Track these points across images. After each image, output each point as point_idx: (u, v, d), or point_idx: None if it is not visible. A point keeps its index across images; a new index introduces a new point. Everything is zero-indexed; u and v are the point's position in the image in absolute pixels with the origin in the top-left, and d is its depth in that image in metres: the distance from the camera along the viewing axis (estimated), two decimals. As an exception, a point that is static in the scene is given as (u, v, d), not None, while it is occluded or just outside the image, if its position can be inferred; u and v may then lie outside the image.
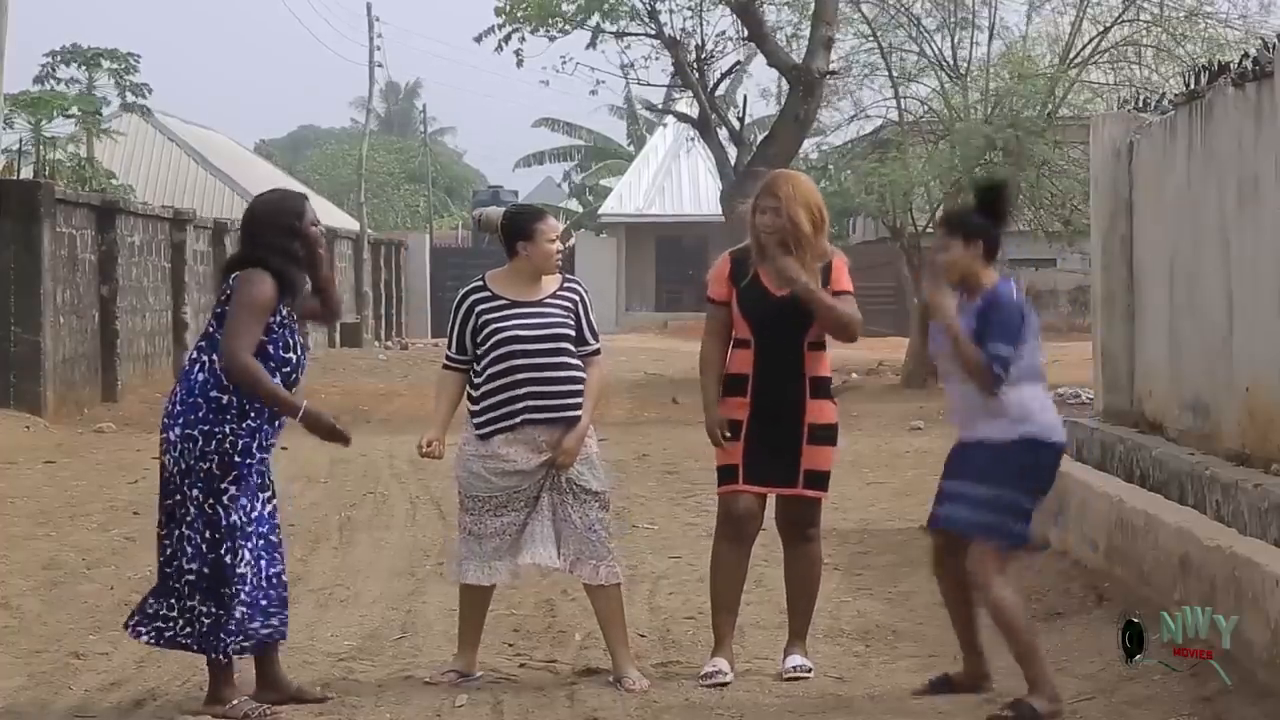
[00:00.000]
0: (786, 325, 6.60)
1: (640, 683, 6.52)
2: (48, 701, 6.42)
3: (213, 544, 6.14)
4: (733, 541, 6.75)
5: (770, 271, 6.58)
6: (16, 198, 18.30)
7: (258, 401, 6.16)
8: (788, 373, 6.61)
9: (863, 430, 16.79)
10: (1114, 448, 10.03)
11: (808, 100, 21.98)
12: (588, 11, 24.55)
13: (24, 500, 11.96)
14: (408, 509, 11.73)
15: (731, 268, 6.71)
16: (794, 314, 6.58)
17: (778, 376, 6.59)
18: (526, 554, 6.63)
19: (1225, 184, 8.90)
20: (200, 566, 6.15)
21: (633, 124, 56.54)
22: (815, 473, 6.67)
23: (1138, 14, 28.97)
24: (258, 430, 6.19)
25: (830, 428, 6.69)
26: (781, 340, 6.61)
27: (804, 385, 6.61)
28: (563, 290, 6.76)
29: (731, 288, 6.69)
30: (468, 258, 49.99)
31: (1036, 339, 6.21)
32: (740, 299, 6.66)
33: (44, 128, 29.31)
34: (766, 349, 6.62)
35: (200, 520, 6.15)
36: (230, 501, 6.14)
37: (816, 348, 6.67)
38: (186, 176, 43.77)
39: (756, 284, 6.63)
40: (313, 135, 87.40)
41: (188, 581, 6.17)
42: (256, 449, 6.20)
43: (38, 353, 17.95)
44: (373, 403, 21.67)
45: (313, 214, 6.43)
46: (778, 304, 6.58)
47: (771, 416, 6.60)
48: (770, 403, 6.60)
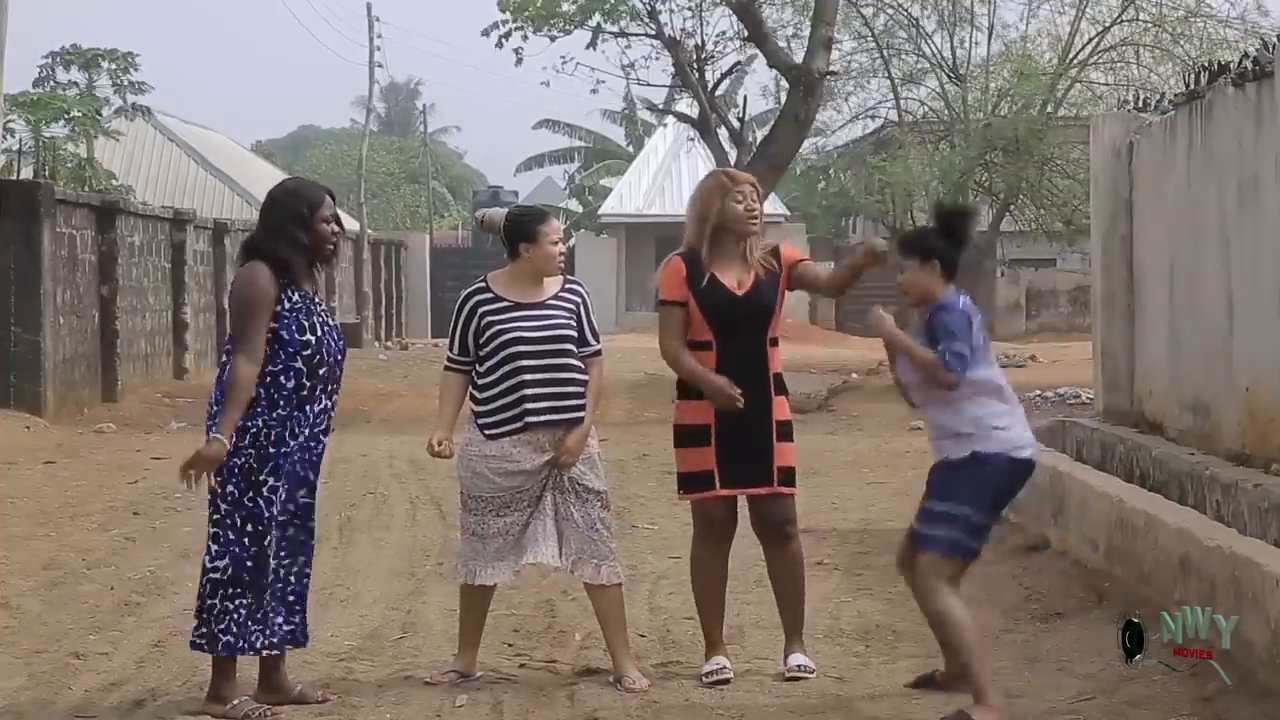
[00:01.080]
0: (749, 323, 6.57)
1: (640, 683, 6.52)
2: (48, 701, 6.42)
3: (254, 537, 6.12)
4: (715, 545, 6.72)
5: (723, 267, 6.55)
6: (16, 198, 18.30)
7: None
8: (752, 371, 6.54)
9: (863, 430, 16.77)
10: (1114, 448, 10.04)
11: (808, 100, 21.96)
12: (588, 11, 24.55)
13: (24, 500, 11.96)
14: (408, 509, 11.73)
15: (687, 269, 6.61)
16: (755, 310, 6.56)
17: (743, 376, 6.51)
18: (529, 553, 6.63)
19: (1225, 184, 8.91)
20: (230, 564, 6.11)
21: (631, 125, 56.55)
22: (786, 469, 6.64)
23: (1136, 14, 28.98)
24: (288, 419, 6.17)
25: (790, 424, 6.70)
26: (745, 339, 6.56)
27: (769, 383, 6.58)
28: (564, 291, 6.75)
29: (688, 289, 6.59)
30: (468, 258, 49.99)
31: (987, 352, 6.19)
32: (700, 300, 6.57)
33: (44, 129, 29.30)
34: (730, 348, 6.54)
35: (238, 515, 6.12)
36: (270, 493, 6.14)
37: (774, 344, 6.63)
38: (186, 177, 43.80)
39: (715, 283, 6.57)
40: (313, 135, 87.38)
41: (211, 580, 6.14)
42: (289, 437, 6.18)
43: (38, 353, 17.95)
44: (373, 403, 21.66)
45: (330, 210, 6.34)
46: (739, 301, 6.54)
47: (740, 417, 6.52)
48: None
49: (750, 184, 6.68)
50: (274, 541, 6.17)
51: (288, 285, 6.21)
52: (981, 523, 6.10)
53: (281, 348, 6.16)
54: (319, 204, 6.31)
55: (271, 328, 6.15)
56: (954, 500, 6.07)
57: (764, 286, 6.60)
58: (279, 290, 6.18)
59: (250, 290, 6.17)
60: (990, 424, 6.06)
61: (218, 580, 6.14)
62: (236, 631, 6.13)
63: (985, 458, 6.04)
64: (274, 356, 6.16)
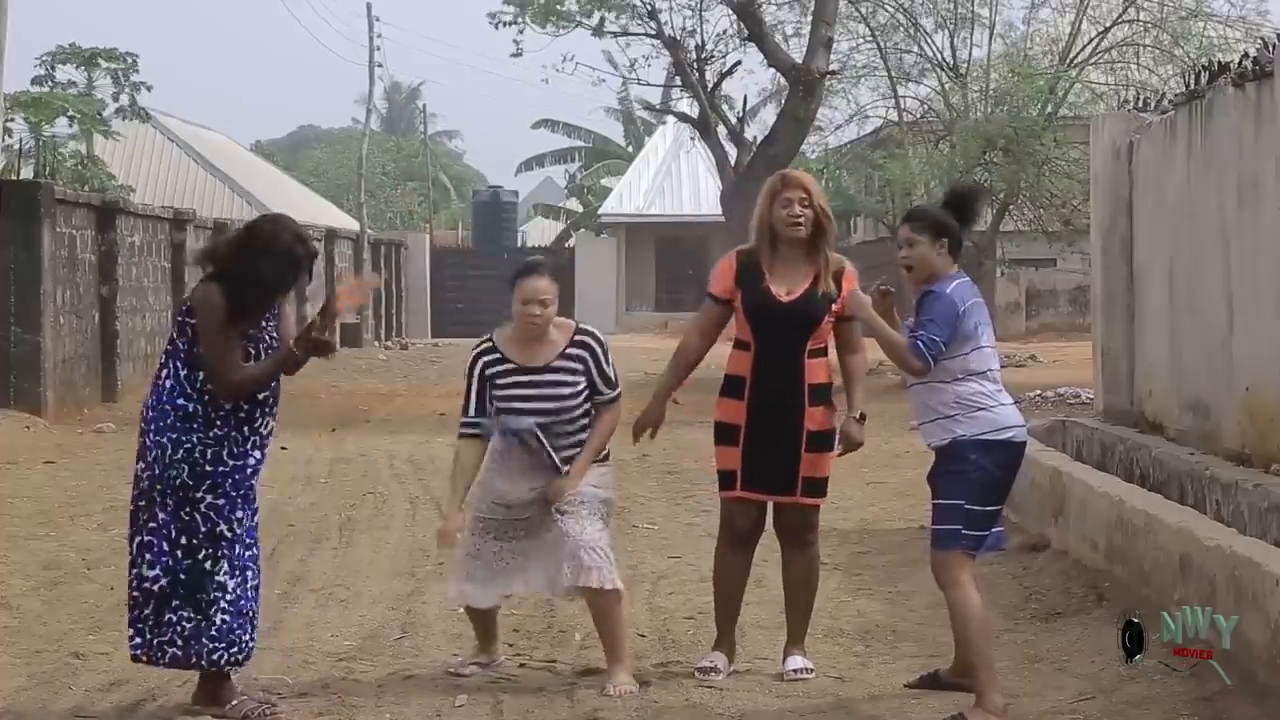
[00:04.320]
0: (788, 331, 6.50)
1: (622, 688, 6.37)
2: (48, 701, 6.42)
3: (188, 550, 6.05)
4: (735, 547, 6.74)
5: (779, 271, 6.50)
6: (16, 198, 18.31)
7: (264, 391, 6.09)
8: (786, 378, 6.50)
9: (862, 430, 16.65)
10: (1114, 448, 10.04)
11: (808, 100, 21.98)
12: (590, 6, 24.55)
13: (24, 500, 11.96)
14: (408, 509, 11.73)
15: (738, 267, 6.59)
16: (797, 320, 6.49)
17: (776, 381, 6.49)
18: (519, 581, 6.63)
19: (1225, 184, 8.91)
20: (163, 575, 6.04)
21: (630, 125, 56.57)
22: (814, 479, 6.61)
23: (1137, 14, 28.99)
24: (225, 439, 6.06)
25: (828, 434, 6.60)
26: (782, 345, 6.51)
27: (803, 391, 6.51)
28: (572, 348, 6.56)
29: (736, 288, 6.58)
30: (467, 258, 50.02)
31: (981, 336, 6.11)
32: (745, 300, 6.54)
33: (44, 129, 29.31)
34: (767, 353, 6.51)
35: (173, 526, 6.04)
36: (210, 511, 6.04)
37: (817, 355, 6.54)
38: (186, 177, 43.81)
39: (762, 286, 6.52)
40: (313, 135, 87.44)
41: (145, 590, 6.06)
42: (227, 456, 6.06)
43: (38, 353, 17.96)
44: (373, 403, 21.67)
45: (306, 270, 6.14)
46: (782, 308, 6.49)
47: (770, 422, 6.52)
48: (768, 407, 6.51)
49: (802, 188, 6.54)
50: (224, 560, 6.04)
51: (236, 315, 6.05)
52: (979, 510, 6.03)
53: None
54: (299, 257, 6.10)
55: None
56: (945, 493, 6.04)
57: (814, 298, 6.51)
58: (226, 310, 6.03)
59: (212, 312, 6.01)
60: (973, 403, 6.01)
61: (150, 592, 6.04)
62: (181, 645, 6.04)
63: (966, 444, 5.98)
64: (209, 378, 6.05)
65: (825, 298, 6.50)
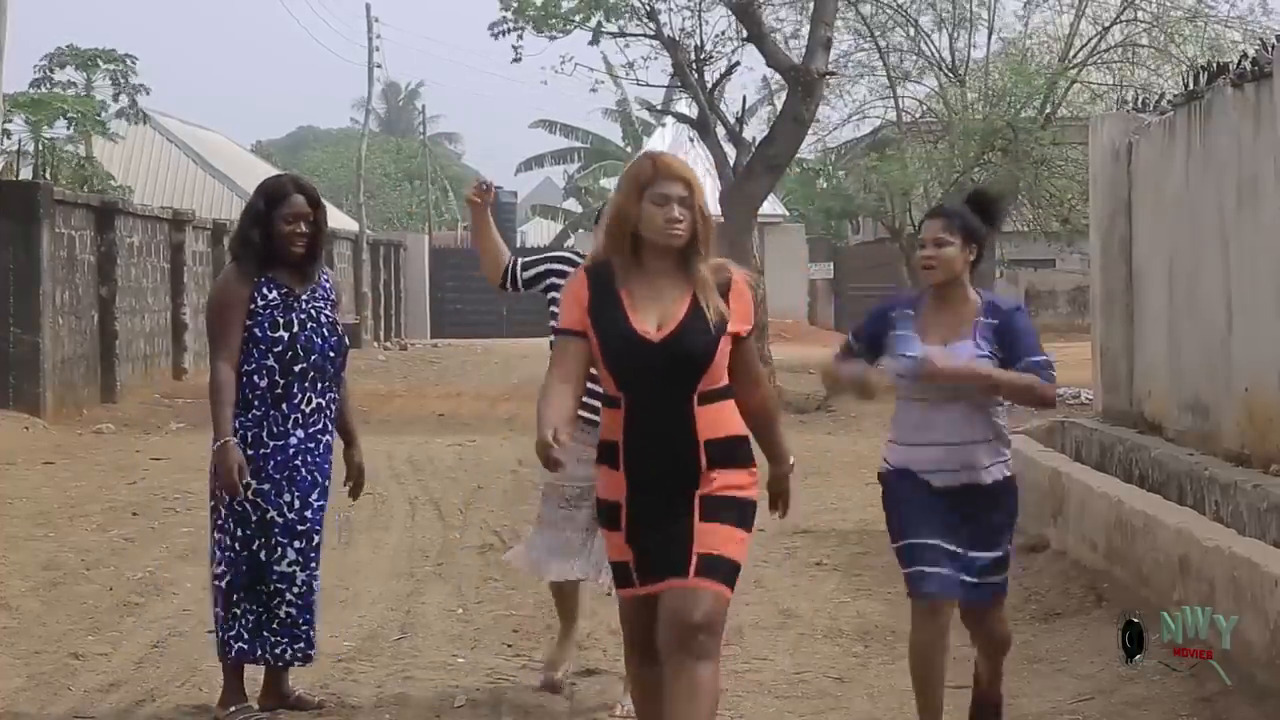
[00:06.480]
0: (664, 380, 4.59)
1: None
2: (48, 702, 6.42)
3: (244, 541, 5.99)
4: (649, 659, 4.70)
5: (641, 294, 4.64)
6: (15, 198, 18.31)
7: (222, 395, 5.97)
8: (672, 437, 4.59)
9: (862, 431, 16.75)
10: (1113, 448, 10.04)
11: (807, 100, 21.96)
12: (588, 11, 24.54)
13: (23, 500, 11.96)
14: (407, 510, 11.73)
15: (590, 291, 4.69)
16: (677, 363, 4.58)
17: (658, 443, 4.60)
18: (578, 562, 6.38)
19: (1224, 184, 8.90)
20: (228, 570, 6.00)
21: (628, 125, 56.56)
22: (712, 557, 4.57)
23: (1135, 14, 29.01)
24: (264, 419, 5.98)
25: (737, 502, 4.64)
26: (659, 398, 4.60)
27: (697, 452, 4.58)
28: None
29: (587, 317, 4.66)
30: (467, 258, 49.99)
31: None
32: (601, 340, 4.64)
33: (43, 130, 29.30)
34: (640, 410, 4.61)
35: (231, 520, 6.00)
36: (257, 497, 5.96)
37: (712, 399, 4.62)
38: (185, 177, 43.80)
39: (623, 320, 4.61)
40: (312, 136, 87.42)
41: (215, 587, 6.06)
42: (267, 436, 5.98)
43: (37, 353, 17.96)
44: (372, 403, 21.66)
45: (294, 207, 6.02)
46: (652, 351, 4.58)
47: (654, 494, 4.62)
48: (651, 477, 4.62)
49: (683, 180, 4.65)
50: (282, 548, 6.01)
51: (263, 282, 6.02)
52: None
53: (254, 345, 5.98)
54: (279, 200, 6.04)
55: (247, 325, 5.97)
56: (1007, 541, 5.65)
57: (696, 331, 4.60)
58: (252, 289, 6.01)
59: (215, 299, 6.08)
60: (1005, 428, 5.64)
61: (219, 589, 6.04)
62: (248, 639, 6.02)
63: (1014, 483, 5.62)
64: (247, 355, 5.98)
65: (716, 327, 4.61)
